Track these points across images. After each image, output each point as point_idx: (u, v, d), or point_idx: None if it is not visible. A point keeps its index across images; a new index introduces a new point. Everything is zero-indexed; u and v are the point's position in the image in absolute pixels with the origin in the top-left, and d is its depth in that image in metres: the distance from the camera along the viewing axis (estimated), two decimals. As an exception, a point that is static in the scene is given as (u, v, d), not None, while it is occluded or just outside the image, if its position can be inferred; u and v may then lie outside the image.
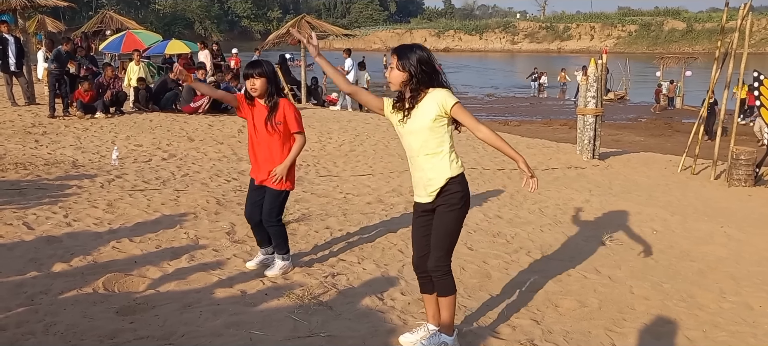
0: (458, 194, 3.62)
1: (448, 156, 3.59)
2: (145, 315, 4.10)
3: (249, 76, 4.63)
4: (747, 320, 4.67)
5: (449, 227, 3.65)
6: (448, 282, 3.72)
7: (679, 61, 30.93)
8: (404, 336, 3.92)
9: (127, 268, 4.89)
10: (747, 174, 10.16)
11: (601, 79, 11.91)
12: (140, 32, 23.79)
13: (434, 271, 3.69)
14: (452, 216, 3.63)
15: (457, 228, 3.68)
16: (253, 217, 4.96)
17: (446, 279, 3.71)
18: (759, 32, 67.86)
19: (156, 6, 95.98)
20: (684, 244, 6.65)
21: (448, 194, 3.61)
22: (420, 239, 3.78)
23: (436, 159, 3.60)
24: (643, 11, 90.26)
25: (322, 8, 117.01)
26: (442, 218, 3.64)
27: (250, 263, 5.10)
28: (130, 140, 10.87)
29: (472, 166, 10.20)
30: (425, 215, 3.74)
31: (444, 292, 3.73)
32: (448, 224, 3.64)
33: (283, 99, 4.74)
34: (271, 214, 4.87)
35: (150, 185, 7.75)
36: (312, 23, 20.45)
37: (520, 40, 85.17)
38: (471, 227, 6.69)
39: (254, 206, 4.94)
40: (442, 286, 3.72)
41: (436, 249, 3.68)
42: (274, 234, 4.94)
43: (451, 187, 3.60)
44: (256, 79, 4.61)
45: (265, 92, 4.66)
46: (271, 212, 4.86)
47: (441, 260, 3.67)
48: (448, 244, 3.69)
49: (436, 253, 3.68)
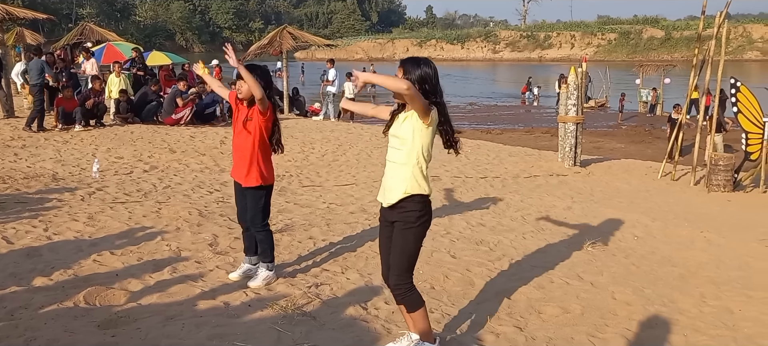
0: (415, 213, 3.60)
1: (413, 171, 3.58)
2: (126, 328, 4.06)
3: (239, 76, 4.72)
4: (727, 324, 4.72)
5: (406, 246, 3.63)
6: (413, 298, 3.71)
7: (658, 69, 31.29)
8: None
9: (109, 281, 4.84)
10: (726, 179, 10.29)
11: (581, 87, 12.02)
12: (121, 44, 23.65)
13: (395, 289, 3.69)
14: (407, 235, 3.62)
15: (414, 247, 3.66)
16: (244, 219, 5.00)
17: (410, 296, 3.70)
18: (735, 39, 68.90)
19: (136, 17, 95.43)
20: (665, 249, 6.72)
21: (405, 211, 3.60)
22: (384, 252, 3.80)
23: (402, 170, 3.60)
24: (622, 20, 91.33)
25: (304, 19, 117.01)
26: (398, 236, 3.64)
27: (233, 274, 5.07)
28: (110, 153, 10.79)
29: (455, 175, 10.24)
30: (387, 226, 3.74)
31: (411, 308, 3.72)
32: (403, 243, 3.63)
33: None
34: (254, 220, 4.88)
35: (131, 197, 7.70)
36: (294, 34, 20.44)
37: (501, 49, 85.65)
38: (454, 236, 6.71)
39: (243, 210, 4.97)
40: (407, 302, 3.71)
41: (394, 267, 3.67)
42: (260, 240, 4.94)
43: (408, 204, 3.59)
44: (244, 82, 4.67)
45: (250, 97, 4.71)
46: (255, 217, 4.87)
47: (401, 278, 3.66)
48: (406, 262, 3.67)
49: (394, 271, 3.67)
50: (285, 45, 19.08)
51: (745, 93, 10.40)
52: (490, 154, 13.00)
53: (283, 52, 19.22)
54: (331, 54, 33.59)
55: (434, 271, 5.53)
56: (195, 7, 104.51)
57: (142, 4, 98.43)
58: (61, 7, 79.89)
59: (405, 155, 3.59)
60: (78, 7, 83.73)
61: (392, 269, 3.68)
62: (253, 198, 4.84)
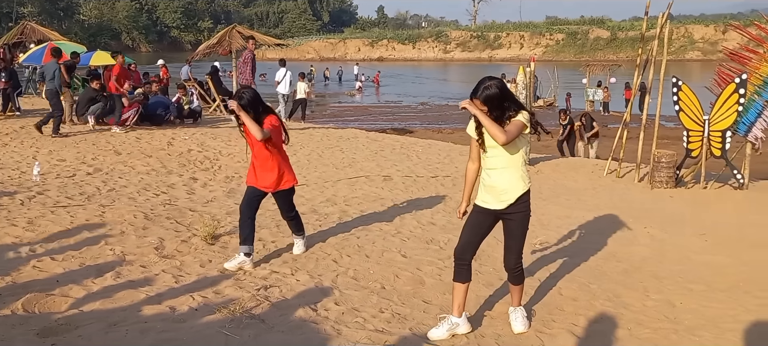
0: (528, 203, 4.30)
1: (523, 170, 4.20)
2: (67, 336, 3.94)
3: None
4: (669, 317, 4.85)
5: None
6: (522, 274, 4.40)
7: (604, 68, 32.02)
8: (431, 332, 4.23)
9: (49, 287, 4.69)
10: (668, 176, 10.57)
11: (530, 86, 12.19)
12: (64, 43, 22.96)
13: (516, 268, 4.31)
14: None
15: None
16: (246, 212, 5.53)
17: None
18: (678, 40, 71.09)
19: (80, 16, 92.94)
20: (610, 245, 6.86)
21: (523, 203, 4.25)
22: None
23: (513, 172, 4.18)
24: (569, 20, 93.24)
25: (254, 18, 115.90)
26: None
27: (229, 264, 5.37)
28: (52, 155, 10.46)
29: (406, 175, 10.27)
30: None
31: (520, 281, 4.42)
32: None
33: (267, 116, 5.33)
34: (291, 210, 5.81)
35: (74, 200, 7.47)
36: (244, 33, 20.18)
37: (452, 49, 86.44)
38: (405, 235, 6.72)
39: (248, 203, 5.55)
40: (521, 279, 4.41)
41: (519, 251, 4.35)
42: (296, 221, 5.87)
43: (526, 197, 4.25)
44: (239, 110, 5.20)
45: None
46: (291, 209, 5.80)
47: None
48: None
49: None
50: (234, 44, 18.81)
51: (686, 92, 10.69)
52: (441, 154, 13.08)
53: (233, 51, 18.95)
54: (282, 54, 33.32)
55: (385, 270, 5.53)
56: (142, 5, 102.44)
57: (86, 3, 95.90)
58: (1, 5, 77.27)
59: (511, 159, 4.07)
60: (18, 6, 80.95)
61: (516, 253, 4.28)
62: (287, 197, 5.70)
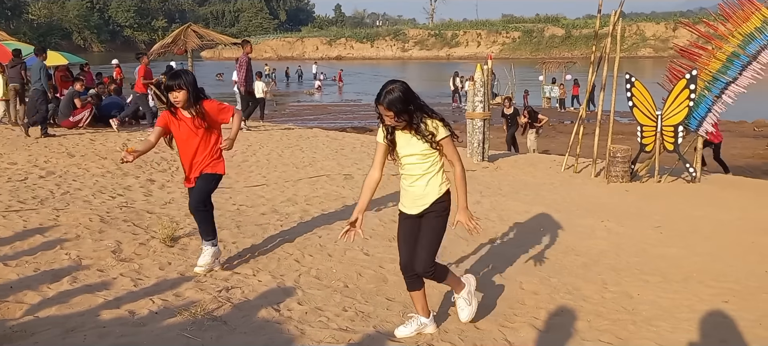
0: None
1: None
2: (23, 343, 3.83)
3: (171, 88, 4.90)
4: (627, 308, 4.95)
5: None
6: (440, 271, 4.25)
7: (560, 66, 32.54)
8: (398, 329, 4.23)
9: (2, 294, 4.55)
10: (624, 171, 10.80)
11: (487, 84, 12.31)
12: (11, 43, 22.30)
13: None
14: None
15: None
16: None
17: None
18: (630, 37, 72.68)
19: (29, 16, 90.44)
20: (569, 239, 6.97)
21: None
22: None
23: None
24: (525, 18, 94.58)
25: (209, 17, 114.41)
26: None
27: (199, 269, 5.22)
28: (2, 158, 10.15)
29: (366, 173, 10.25)
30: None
31: (441, 278, 4.28)
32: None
33: (204, 101, 5.07)
34: (200, 200, 5.15)
35: (26, 204, 7.27)
36: (199, 32, 19.91)
37: (410, 47, 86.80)
38: (367, 233, 6.71)
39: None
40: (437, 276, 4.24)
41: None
42: (202, 220, 5.20)
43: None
44: (178, 91, 4.89)
45: (187, 102, 4.95)
46: (204, 198, 5.18)
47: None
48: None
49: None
50: (190, 44, 18.57)
51: (640, 88, 10.93)
52: (400, 152, 13.10)
53: (188, 51, 18.69)
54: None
55: (347, 269, 5.52)
56: (93, 4, 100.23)
57: (34, 2, 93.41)
58: (-54, 5, 74.81)
59: (427, 168, 4.18)
60: (-37, 5, 78.52)
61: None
62: (208, 179, 5.23)
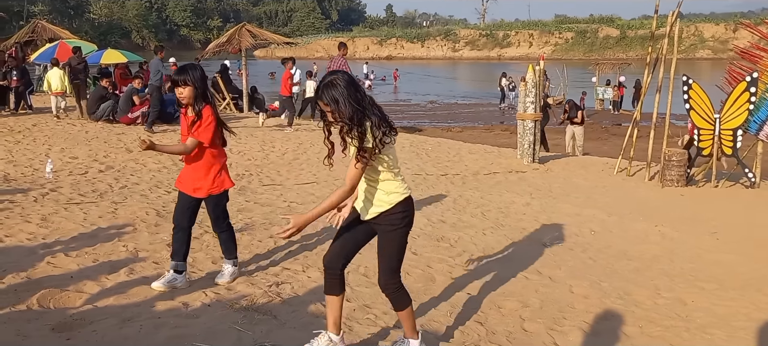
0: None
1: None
2: (82, 331, 3.97)
3: (176, 83, 4.52)
4: (681, 315, 4.84)
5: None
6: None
7: (614, 67, 31.91)
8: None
9: (63, 283, 4.73)
10: (679, 175, 10.53)
11: (539, 84, 12.17)
12: (74, 42, 23.12)
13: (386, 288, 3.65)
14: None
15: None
16: (181, 223, 4.77)
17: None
18: (688, 38, 70.79)
19: (91, 15, 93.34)
20: (621, 243, 6.85)
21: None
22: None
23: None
24: (578, 19, 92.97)
25: (263, 17, 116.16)
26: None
27: (156, 284, 4.71)
28: (64, 153, 10.53)
29: (416, 173, 10.28)
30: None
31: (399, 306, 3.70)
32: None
33: (207, 107, 4.56)
34: (218, 221, 4.89)
35: (86, 197, 7.53)
36: (253, 32, 20.25)
37: (461, 47, 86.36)
38: (415, 232, 6.72)
39: (182, 212, 4.77)
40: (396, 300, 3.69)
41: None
42: (224, 240, 4.96)
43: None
44: (183, 87, 4.49)
45: (192, 100, 4.52)
46: (218, 218, 4.88)
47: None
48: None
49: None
50: (244, 43, 18.92)
51: (697, 90, 10.65)
52: (450, 152, 13.08)
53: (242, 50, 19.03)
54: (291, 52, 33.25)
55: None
56: (151, 4, 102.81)
57: (96, 2, 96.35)
58: (12, 4, 77.50)
59: (370, 178, 3.68)
60: (30, 4, 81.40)
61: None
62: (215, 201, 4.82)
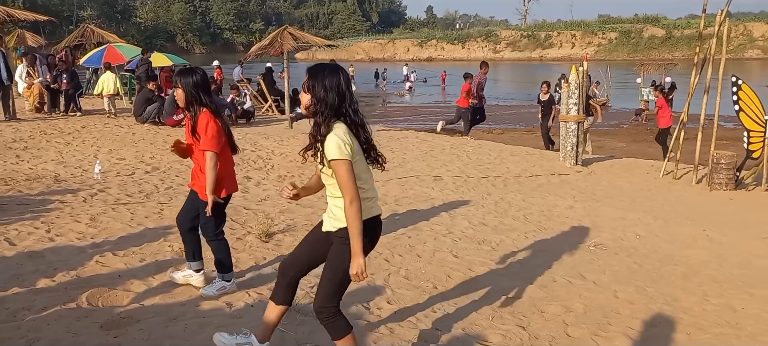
0: None
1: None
2: (129, 329, 4.06)
3: (175, 84, 4.54)
4: (730, 322, 4.72)
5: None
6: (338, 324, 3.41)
7: (659, 68, 31.23)
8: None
9: (111, 282, 4.85)
10: (727, 178, 10.28)
11: (582, 86, 12.01)
12: (121, 45, 23.64)
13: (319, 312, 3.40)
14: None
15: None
16: (183, 224, 4.79)
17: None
18: (736, 38, 68.91)
19: (137, 19, 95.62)
20: (667, 248, 6.71)
21: None
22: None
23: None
24: (622, 19, 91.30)
25: (304, 19, 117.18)
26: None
27: (177, 275, 4.90)
28: (112, 154, 10.79)
29: (457, 175, 10.23)
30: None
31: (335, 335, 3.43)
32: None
33: (204, 112, 4.46)
34: (206, 227, 4.66)
35: (133, 198, 7.70)
36: (294, 34, 20.41)
37: (502, 48, 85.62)
38: (456, 235, 6.70)
39: (186, 212, 4.77)
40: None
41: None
42: (214, 250, 4.73)
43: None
44: (177, 89, 4.50)
45: (185, 103, 4.50)
46: (207, 224, 4.64)
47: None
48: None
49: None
50: (286, 46, 19.04)
51: (747, 91, 10.39)
52: (491, 154, 12.99)
53: (284, 52, 19.20)
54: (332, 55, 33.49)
55: (436, 270, 5.53)
56: (196, 8, 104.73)
57: (142, 6, 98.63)
58: (62, 9, 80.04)
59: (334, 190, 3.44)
60: (79, 9, 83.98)
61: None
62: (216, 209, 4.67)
